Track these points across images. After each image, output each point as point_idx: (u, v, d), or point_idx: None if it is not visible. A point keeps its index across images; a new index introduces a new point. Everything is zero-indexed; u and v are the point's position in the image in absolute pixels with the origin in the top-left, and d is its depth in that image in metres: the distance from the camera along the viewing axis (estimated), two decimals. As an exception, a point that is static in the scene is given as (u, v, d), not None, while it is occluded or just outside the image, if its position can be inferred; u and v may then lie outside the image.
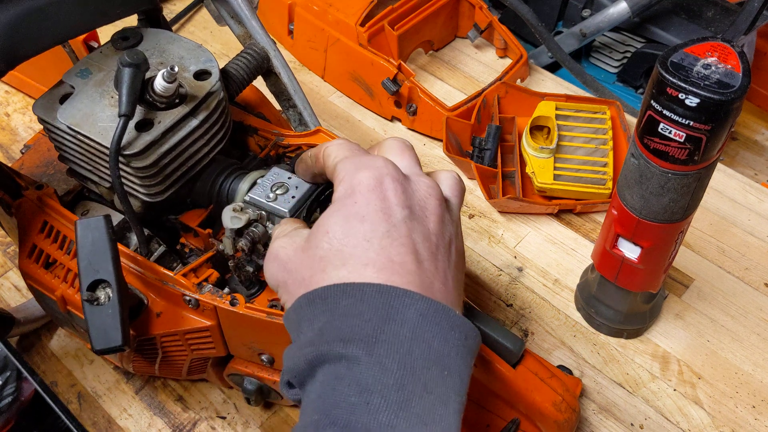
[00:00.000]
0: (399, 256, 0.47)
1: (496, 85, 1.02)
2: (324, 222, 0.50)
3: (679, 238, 0.73)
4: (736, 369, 0.82)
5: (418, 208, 0.50)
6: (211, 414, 0.79)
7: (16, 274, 0.92)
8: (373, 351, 0.44)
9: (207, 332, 0.65)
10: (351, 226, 0.48)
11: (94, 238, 0.58)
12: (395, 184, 0.50)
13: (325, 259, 0.48)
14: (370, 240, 0.48)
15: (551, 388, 0.69)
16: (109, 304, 0.58)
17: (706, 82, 0.58)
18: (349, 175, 0.51)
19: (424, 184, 0.51)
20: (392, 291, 0.46)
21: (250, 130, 0.75)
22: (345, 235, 0.48)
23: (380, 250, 0.47)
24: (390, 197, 0.49)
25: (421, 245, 0.49)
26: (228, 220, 0.61)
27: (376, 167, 0.50)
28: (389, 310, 0.45)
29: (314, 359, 0.45)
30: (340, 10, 1.07)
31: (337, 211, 0.49)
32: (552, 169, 0.94)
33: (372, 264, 0.47)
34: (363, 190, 0.49)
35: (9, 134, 1.08)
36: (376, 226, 0.48)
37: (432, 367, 0.45)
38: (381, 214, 0.48)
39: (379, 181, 0.50)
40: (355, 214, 0.48)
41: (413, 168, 0.53)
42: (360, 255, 0.47)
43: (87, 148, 0.63)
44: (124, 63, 0.59)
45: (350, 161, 0.52)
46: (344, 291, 0.47)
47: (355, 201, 0.49)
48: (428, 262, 0.49)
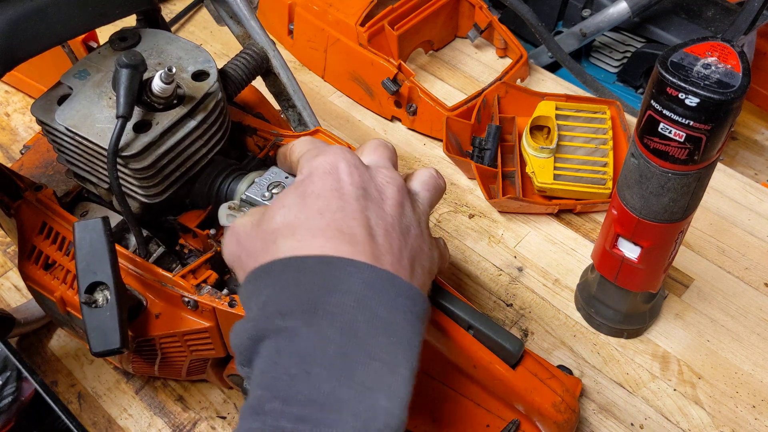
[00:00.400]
0: (349, 228, 0.48)
1: (496, 85, 1.02)
2: (280, 197, 0.52)
3: (679, 238, 0.73)
4: (736, 369, 0.82)
5: (374, 191, 0.51)
6: (211, 414, 0.79)
7: (16, 274, 0.92)
8: (312, 321, 0.44)
9: (206, 333, 0.65)
10: (305, 202, 0.50)
11: (92, 239, 0.57)
12: (350, 168, 0.51)
13: (276, 231, 0.49)
14: (323, 213, 0.49)
15: (551, 389, 0.69)
16: (107, 307, 0.57)
17: (706, 81, 0.58)
18: (307, 162, 0.53)
19: (383, 174, 0.53)
20: (335, 261, 0.46)
21: (249, 131, 0.75)
22: (300, 209, 0.49)
23: (331, 222, 0.48)
24: (344, 178, 0.50)
25: (375, 222, 0.49)
26: (224, 218, 0.61)
27: (332, 153, 0.52)
28: (332, 280, 0.45)
29: (256, 335, 0.45)
30: (340, 10, 1.07)
31: (294, 189, 0.51)
32: (552, 169, 0.94)
33: (321, 234, 0.48)
34: (319, 172, 0.51)
35: (9, 134, 1.08)
36: (329, 202, 0.49)
37: (378, 335, 0.44)
38: (335, 192, 0.50)
39: (334, 165, 0.51)
40: (311, 193, 0.50)
41: (380, 162, 0.55)
42: (311, 226, 0.48)
43: (85, 149, 0.63)
44: (121, 64, 0.59)
45: (313, 151, 0.54)
46: (287, 264, 0.47)
47: (312, 181, 0.51)
48: (381, 238, 0.49)
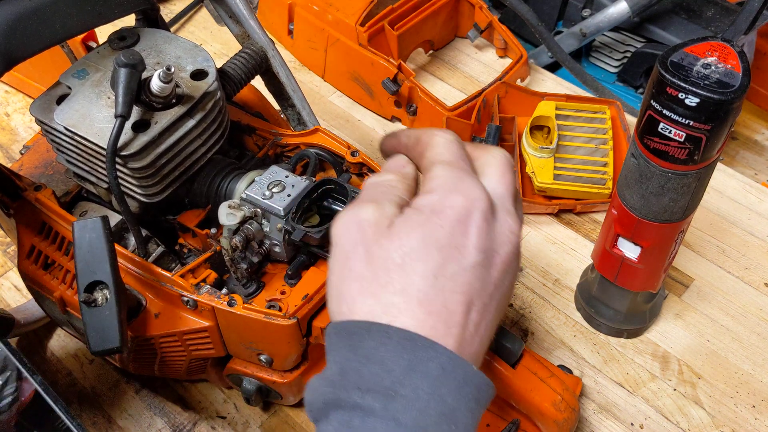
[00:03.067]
0: (453, 304, 0.47)
1: (496, 85, 1.02)
2: (405, 231, 0.48)
3: (679, 238, 0.73)
4: (736, 369, 0.82)
5: (491, 252, 0.49)
6: (211, 414, 0.79)
7: (16, 274, 0.92)
8: (389, 405, 0.44)
9: (205, 333, 0.65)
10: (428, 252, 0.47)
11: (91, 239, 0.57)
12: (482, 223, 0.48)
13: (390, 272, 0.47)
14: (437, 276, 0.47)
15: (551, 388, 0.69)
16: (106, 306, 0.57)
17: (706, 81, 0.58)
18: (443, 189, 0.49)
19: (507, 226, 0.50)
20: (419, 340, 0.45)
21: (248, 130, 0.75)
22: (419, 258, 0.47)
23: (440, 292, 0.47)
24: (471, 236, 0.48)
25: (477, 295, 0.48)
26: (224, 217, 0.61)
27: (471, 198, 0.49)
28: (413, 361, 0.45)
29: (330, 401, 0.45)
30: (340, 10, 1.07)
31: (420, 226, 0.48)
32: (552, 168, 0.94)
33: (428, 304, 0.46)
34: (451, 216, 0.48)
35: (9, 134, 1.08)
36: (447, 263, 0.47)
37: (442, 422, 0.45)
38: (456, 252, 0.47)
39: (468, 213, 0.48)
40: (435, 239, 0.47)
41: (507, 199, 0.51)
42: (422, 289, 0.47)
43: (84, 148, 0.63)
44: (120, 63, 0.59)
45: (451, 172, 0.50)
46: (369, 330, 0.46)
47: (441, 224, 0.48)
48: (476, 314, 0.48)
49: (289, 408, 0.79)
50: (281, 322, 0.61)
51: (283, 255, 0.65)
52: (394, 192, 0.51)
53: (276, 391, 0.71)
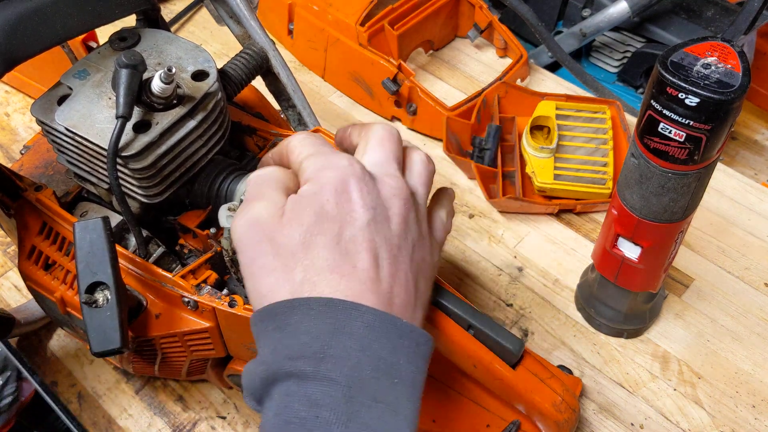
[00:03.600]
0: (362, 262, 0.49)
1: (496, 85, 1.02)
2: (298, 213, 0.51)
3: (679, 238, 0.73)
4: (736, 369, 0.82)
5: (381, 208, 0.51)
6: (211, 414, 0.79)
7: (16, 274, 0.92)
8: (320, 366, 0.46)
9: (206, 333, 0.65)
10: (322, 225, 0.50)
11: (92, 240, 0.57)
12: (360, 185, 0.51)
13: (295, 255, 0.50)
14: (339, 243, 0.49)
15: (551, 389, 0.69)
16: (107, 307, 0.57)
17: (706, 81, 0.58)
18: (315, 173, 0.52)
19: (389, 187, 0.53)
20: (339, 304, 0.47)
21: (249, 131, 0.75)
22: (317, 232, 0.50)
23: (346, 256, 0.49)
24: (356, 200, 0.50)
25: (383, 248, 0.50)
26: (224, 219, 0.61)
27: (341, 167, 0.52)
28: (336, 324, 0.47)
29: (267, 378, 0.47)
30: (340, 10, 1.07)
31: (309, 205, 0.51)
32: (552, 168, 0.94)
33: (338, 269, 0.49)
34: (330, 189, 0.51)
35: (9, 134, 1.08)
36: (343, 229, 0.50)
37: (381, 377, 0.47)
38: (348, 217, 0.50)
39: (344, 182, 0.51)
40: (326, 214, 0.50)
41: (385, 163, 0.54)
42: (328, 258, 0.49)
43: (85, 149, 0.63)
44: (121, 64, 0.59)
45: (316, 159, 0.53)
46: (292, 306, 0.48)
47: (326, 199, 0.50)
48: (389, 265, 0.50)
49: (290, 408, 0.79)
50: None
51: (283, 255, 0.65)
52: (276, 181, 0.54)
53: (276, 392, 0.71)
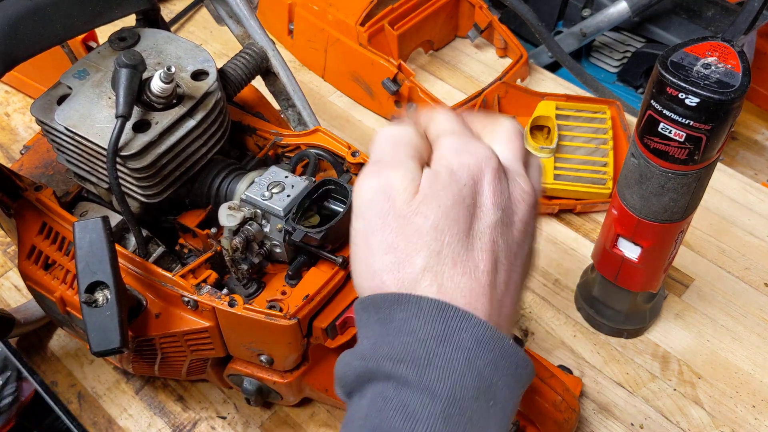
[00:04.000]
0: (484, 262, 0.46)
1: (496, 85, 1.02)
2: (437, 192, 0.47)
3: (679, 238, 0.73)
4: (736, 369, 0.82)
5: (510, 211, 0.48)
6: (211, 414, 0.79)
7: (16, 274, 0.92)
8: (423, 375, 0.43)
9: (206, 333, 0.65)
10: (456, 212, 0.47)
11: (92, 239, 0.57)
12: (494, 181, 0.48)
13: (423, 236, 0.46)
14: (467, 235, 0.46)
15: (551, 388, 0.69)
16: (107, 306, 0.57)
17: (706, 81, 0.58)
18: (452, 153, 0.48)
19: (519, 187, 0.49)
20: (450, 310, 0.44)
21: (249, 130, 0.75)
22: (443, 219, 0.46)
23: (471, 252, 0.46)
24: (487, 195, 0.47)
25: (503, 253, 0.47)
26: (224, 218, 0.61)
27: (480, 156, 0.48)
28: (446, 331, 0.44)
29: (363, 374, 0.45)
30: (340, 10, 1.07)
31: (445, 187, 0.47)
32: (552, 168, 0.94)
33: (462, 264, 0.46)
34: (463, 176, 0.47)
35: (9, 134, 1.08)
36: (474, 223, 0.47)
37: (480, 397, 0.44)
38: (479, 211, 0.47)
39: (480, 172, 0.47)
40: (462, 200, 0.47)
41: (515, 163, 0.51)
42: (455, 248, 0.46)
43: (85, 149, 0.63)
44: (121, 64, 0.59)
45: (457, 139, 0.49)
46: (399, 302, 0.45)
47: (457, 185, 0.47)
48: (504, 274, 0.47)
49: (290, 408, 0.79)
50: (282, 322, 0.61)
51: (283, 255, 0.65)
52: (413, 147, 0.50)
53: (276, 392, 0.71)
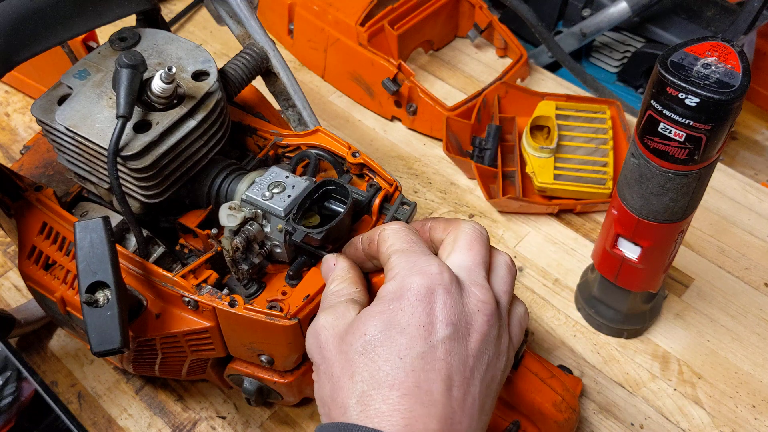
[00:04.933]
0: (427, 382, 0.46)
1: (496, 85, 1.02)
2: (364, 322, 0.49)
3: (679, 238, 0.73)
4: (736, 369, 0.82)
5: (463, 324, 0.48)
6: (211, 414, 0.79)
7: (16, 274, 0.92)
8: None
9: (206, 333, 0.65)
10: (389, 336, 0.47)
11: (92, 239, 0.57)
12: (446, 296, 0.48)
13: (354, 364, 0.48)
14: (403, 358, 0.47)
15: (551, 388, 0.69)
16: (107, 306, 0.57)
17: (706, 81, 0.58)
18: (401, 275, 0.49)
19: (476, 298, 0.49)
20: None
21: (249, 131, 0.75)
22: (381, 343, 0.47)
23: (410, 373, 0.46)
24: (437, 311, 0.48)
25: (456, 369, 0.47)
26: (224, 218, 0.61)
27: (430, 275, 0.49)
28: None
29: None
30: (340, 10, 1.07)
31: (380, 313, 0.48)
32: (552, 168, 0.94)
33: (399, 386, 0.46)
34: (411, 297, 0.48)
35: (9, 134, 1.08)
36: (413, 343, 0.47)
37: None
38: (422, 330, 0.47)
39: (430, 291, 0.48)
40: (396, 323, 0.47)
41: (473, 271, 0.51)
42: (389, 373, 0.46)
43: (85, 149, 0.63)
44: (121, 64, 0.59)
45: (406, 258, 0.50)
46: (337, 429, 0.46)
47: (400, 307, 0.48)
48: (458, 389, 0.47)
49: (290, 408, 0.79)
50: (282, 322, 0.61)
51: (284, 256, 0.65)
52: (345, 295, 0.53)
53: (276, 392, 0.71)
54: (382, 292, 0.50)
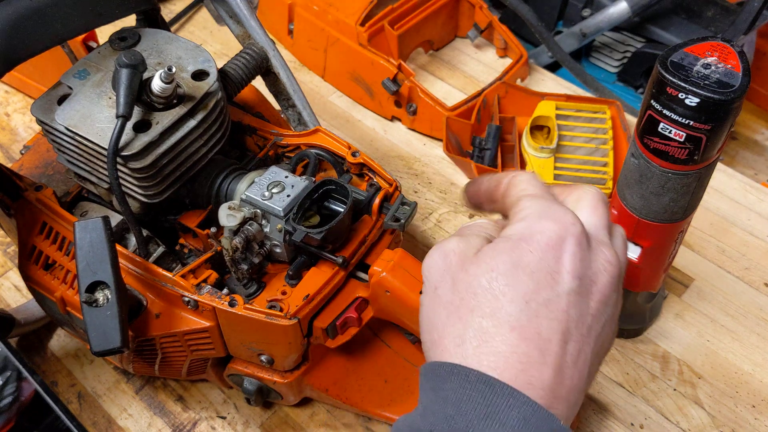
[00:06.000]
0: (548, 331, 0.45)
1: (496, 85, 1.02)
2: (493, 257, 0.47)
3: (679, 238, 0.73)
4: (736, 369, 0.82)
5: (588, 281, 0.47)
6: (211, 414, 0.79)
7: (16, 274, 0.92)
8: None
9: (206, 333, 0.65)
10: (517, 276, 0.46)
11: (92, 239, 0.57)
12: (576, 248, 0.46)
13: (477, 297, 0.46)
14: (528, 302, 0.45)
15: (551, 389, 0.69)
16: (107, 306, 0.57)
17: (706, 81, 0.58)
18: (532, 217, 0.48)
19: (603, 256, 0.48)
20: (497, 386, 0.43)
21: (249, 130, 0.75)
22: (507, 282, 0.46)
23: (533, 318, 0.45)
24: (565, 261, 0.46)
25: (574, 324, 0.46)
26: (224, 218, 0.61)
27: (563, 222, 0.47)
28: (489, 408, 0.43)
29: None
30: (340, 10, 1.07)
31: (508, 251, 0.46)
32: (552, 168, 0.94)
33: (520, 330, 0.45)
34: (542, 241, 0.46)
35: (9, 134, 1.08)
36: (540, 289, 0.45)
37: None
38: (549, 278, 0.46)
39: (561, 238, 0.46)
40: (526, 264, 0.46)
41: (600, 231, 0.49)
42: (512, 313, 0.45)
43: (85, 149, 0.63)
44: (121, 64, 0.59)
45: (539, 202, 0.49)
46: (452, 372, 0.45)
47: (530, 249, 0.46)
48: (574, 344, 0.46)
49: (289, 408, 0.79)
50: (282, 322, 0.61)
51: (283, 255, 0.65)
52: (481, 229, 0.51)
53: (276, 392, 0.71)
54: (508, 231, 0.48)
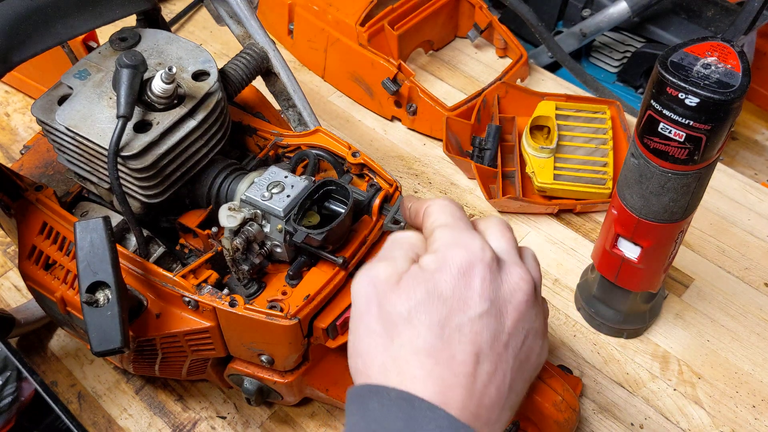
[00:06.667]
0: (462, 354, 0.48)
1: (496, 85, 1.02)
2: (411, 286, 0.50)
3: (679, 238, 0.73)
4: (736, 369, 0.82)
5: (501, 301, 0.50)
6: (211, 414, 0.79)
7: (16, 274, 0.92)
8: None
9: (206, 333, 0.65)
10: (432, 305, 0.49)
11: (92, 239, 0.57)
12: (486, 272, 0.49)
13: (395, 325, 0.49)
14: (443, 327, 0.48)
15: (551, 388, 0.69)
16: (108, 306, 0.57)
17: (705, 81, 0.58)
18: (443, 247, 0.50)
19: (516, 274, 0.51)
20: (416, 402, 0.46)
21: (249, 131, 0.75)
22: (425, 311, 0.49)
23: (447, 343, 0.48)
24: (476, 286, 0.49)
25: (488, 345, 0.49)
26: (224, 219, 0.61)
27: (472, 249, 0.50)
28: (410, 423, 0.46)
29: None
30: (340, 10, 1.07)
31: (425, 281, 0.49)
32: (552, 168, 0.94)
33: (435, 355, 0.48)
34: (453, 269, 0.49)
35: (9, 134, 1.08)
36: (452, 314, 0.48)
37: None
38: (462, 303, 0.48)
39: (471, 265, 0.49)
40: (440, 293, 0.49)
41: (510, 253, 0.52)
42: (428, 340, 0.48)
43: (85, 149, 0.63)
44: (122, 64, 0.59)
45: (449, 232, 0.52)
46: (375, 392, 0.48)
47: (444, 279, 0.49)
48: (489, 363, 0.49)
49: (290, 408, 0.79)
50: (282, 322, 0.61)
51: (284, 256, 0.65)
52: (409, 247, 0.53)
53: (276, 392, 0.71)
54: (424, 261, 0.51)
